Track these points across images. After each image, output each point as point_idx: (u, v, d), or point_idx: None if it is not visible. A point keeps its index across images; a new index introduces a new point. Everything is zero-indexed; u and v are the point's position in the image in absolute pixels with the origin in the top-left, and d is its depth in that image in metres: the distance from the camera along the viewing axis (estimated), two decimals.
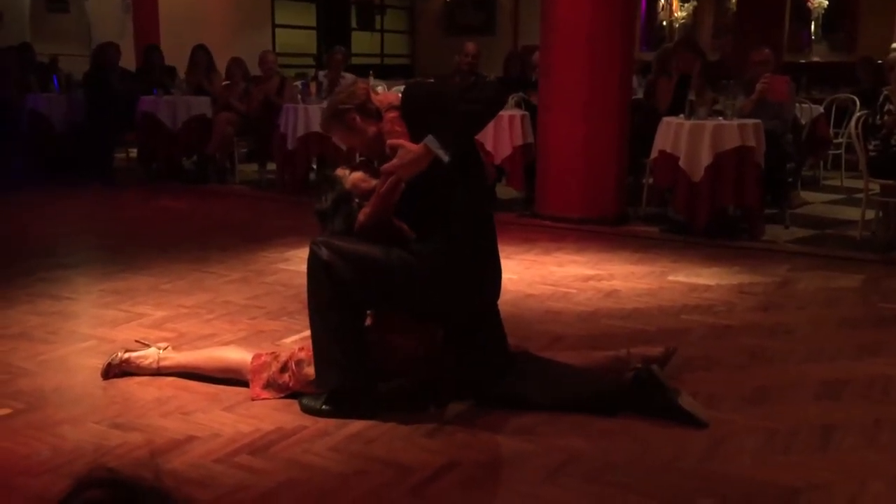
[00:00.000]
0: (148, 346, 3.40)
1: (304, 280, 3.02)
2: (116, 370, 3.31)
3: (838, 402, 3.18)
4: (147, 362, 3.31)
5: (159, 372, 3.31)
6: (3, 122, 10.03)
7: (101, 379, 3.28)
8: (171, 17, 12.48)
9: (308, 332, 3.11)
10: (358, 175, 3.07)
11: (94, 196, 8.03)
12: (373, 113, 3.03)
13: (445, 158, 2.76)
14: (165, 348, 3.38)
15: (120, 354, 3.33)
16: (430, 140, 2.76)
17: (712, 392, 3.21)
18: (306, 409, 2.99)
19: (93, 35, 12.32)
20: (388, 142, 2.88)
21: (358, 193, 3.02)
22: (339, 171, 3.12)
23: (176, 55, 10.13)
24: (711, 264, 5.29)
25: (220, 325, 4.02)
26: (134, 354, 3.33)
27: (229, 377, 3.22)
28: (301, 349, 3.14)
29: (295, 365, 3.08)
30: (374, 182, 2.98)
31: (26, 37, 11.33)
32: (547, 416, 2.96)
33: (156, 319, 4.08)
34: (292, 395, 3.07)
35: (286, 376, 3.09)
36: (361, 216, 2.96)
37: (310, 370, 3.03)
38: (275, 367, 3.13)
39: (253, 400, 3.08)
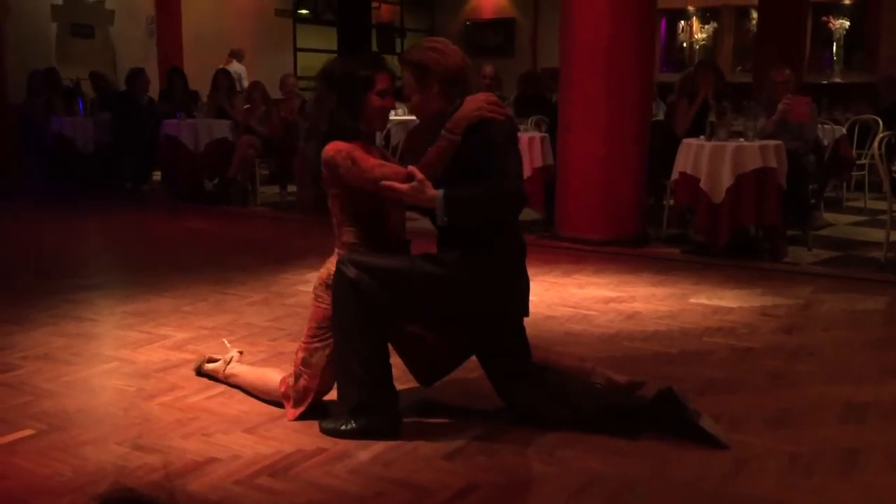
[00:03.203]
0: (230, 349, 3.59)
1: None
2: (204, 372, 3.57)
3: (862, 424, 3.14)
4: (219, 367, 3.51)
5: (226, 380, 3.46)
6: (30, 144, 10.19)
7: (194, 375, 3.57)
8: (195, 42, 12.64)
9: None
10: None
11: (117, 217, 8.10)
12: (448, 91, 3.01)
13: (442, 221, 2.84)
14: (239, 355, 3.55)
15: (209, 365, 3.56)
16: (441, 196, 2.82)
17: (734, 414, 3.18)
18: (326, 431, 2.99)
19: (117, 59, 12.50)
20: (411, 170, 2.88)
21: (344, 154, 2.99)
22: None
23: (199, 79, 10.25)
24: (734, 286, 5.26)
25: (241, 346, 4.01)
26: (211, 366, 3.55)
27: (272, 400, 3.26)
28: (298, 350, 3.16)
29: (302, 365, 3.11)
30: (371, 160, 2.97)
31: (52, 61, 11.50)
32: (567, 437, 2.95)
33: (177, 341, 4.10)
34: (313, 415, 3.07)
35: (302, 381, 3.11)
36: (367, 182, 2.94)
37: (318, 360, 3.06)
38: (291, 381, 3.16)
39: (290, 421, 3.10)
